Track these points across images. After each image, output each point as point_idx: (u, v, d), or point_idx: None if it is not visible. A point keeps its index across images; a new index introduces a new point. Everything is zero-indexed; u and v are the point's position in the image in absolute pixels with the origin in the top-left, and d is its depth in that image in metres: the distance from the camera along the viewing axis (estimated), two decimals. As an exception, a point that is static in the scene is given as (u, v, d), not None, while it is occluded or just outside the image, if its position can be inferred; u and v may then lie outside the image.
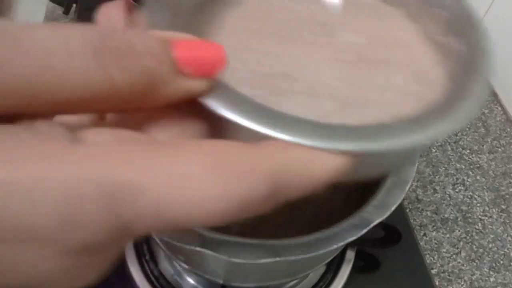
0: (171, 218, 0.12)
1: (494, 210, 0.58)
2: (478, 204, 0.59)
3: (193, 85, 0.14)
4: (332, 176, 0.14)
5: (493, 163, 0.63)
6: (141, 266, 0.46)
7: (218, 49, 0.15)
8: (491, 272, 0.53)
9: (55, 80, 0.12)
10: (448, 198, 0.59)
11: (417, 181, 0.60)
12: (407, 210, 0.57)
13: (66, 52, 0.12)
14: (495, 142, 0.65)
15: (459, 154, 0.64)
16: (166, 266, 0.46)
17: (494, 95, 0.69)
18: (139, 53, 0.13)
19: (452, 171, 0.62)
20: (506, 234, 0.56)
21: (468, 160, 0.63)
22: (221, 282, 0.39)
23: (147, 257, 0.47)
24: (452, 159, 0.63)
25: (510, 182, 0.61)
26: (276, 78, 0.21)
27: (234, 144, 0.13)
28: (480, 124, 0.67)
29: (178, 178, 0.12)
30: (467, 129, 0.67)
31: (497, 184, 0.61)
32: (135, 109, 0.14)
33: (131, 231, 0.12)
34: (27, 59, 0.12)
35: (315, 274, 0.47)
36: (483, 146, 0.65)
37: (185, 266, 0.39)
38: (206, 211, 0.12)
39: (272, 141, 0.14)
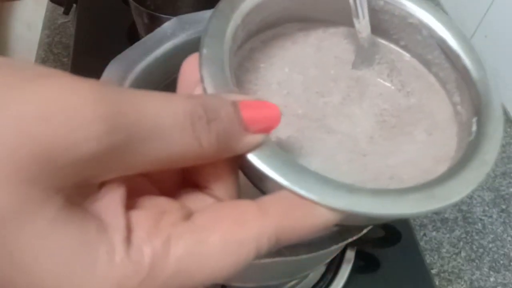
0: (195, 283, 0.15)
1: (494, 210, 0.58)
2: (478, 204, 0.59)
3: (254, 139, 0.17)
4: (323, 227, 0.17)
5: (493, 163, 0.63)
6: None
7: (275, 109, 0.18)
8: (491, 272, 0.53)
9: (158, 149, 0.15)
10: (448, 198, 0.59)
11: (417, 181, 0.60)
12: (407, 210, 0.57)
13: (171, 127, 0.15)
14: (495, 142, 0.66)
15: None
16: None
17: (494, 95, 0.69)
18: (221, 119, 0.16)
19: (452, 171, 0.62)
20: (506, 234, 0.56)
21: (468, 160, 0.63)
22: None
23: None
24: (452, 159, 0.63)
25: (510, 182, 0.61)
26: (312, 125, 0.24)
27: (243, 217, 0.16)
28: (480, 124, 0.67)
29: (201, 257, 0.15)
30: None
31: (497, 184, 0.61)
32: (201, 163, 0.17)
33: None
34: (144, 139, 0.14)
35: (315, 274, 0.47)
36: (483, 146, 0.65)
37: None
38: (220, 275, 0.16)
39: (276, 200, 0.17)
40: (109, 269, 0.14)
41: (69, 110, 0.13)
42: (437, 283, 0.51)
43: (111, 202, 0.15)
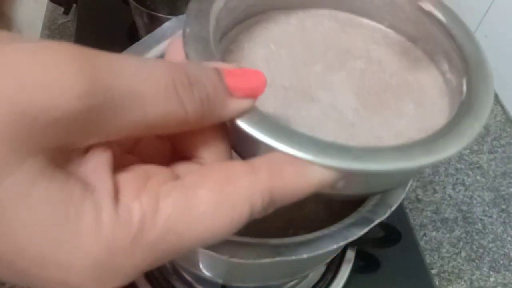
0: (188, 245, 0.15)
1: (494, 210, 0.58)
2: (478, 204, 0.59)
3: (240, 105, 0.17)
4: (318, 187, 0.17)
5: (493, 163, 0.63)
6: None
7: (260, 75, 0.18)
8: (491, 272, 0.53)
9: (141, 114, 0.15)
10: (448, 198, 0.59)
11: (417, 181, 0.60)
12: (407, 210, 0.57)
13: (153, 91, 0.15)
14: (495, 142, 0.65)
15: (459, 154, 0.64)
16: (165, 266, 0.46)
17: (494, 95, 0.68)
18: (204, 84, 0.16)
19: (452, 171, 0.62)
20: (506, 234, 0.56)
21: (468, 160, 0.63)
22: (221, 282, 0.39)
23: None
24: (452, 159, 0.63)
25: (510, 182, 0.61)
26: (298, 95, 0.23)
27: (233, 174, 0.16)
28: (480, 124, 0.67)
29: (191, 216, 0.15)
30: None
31: (497, 184, 0.61)
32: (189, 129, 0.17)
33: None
34: (123, 102, 0.14)
35: (315, 274, 0.47)
36: (483, 146, 0.65)
37: (185, 266, 0.39)
38: (214, 235, 0.15)
39: (268, 160, 0.17)
40: (96, 228, 0.13)
41: (48, 74, 0.13)
42: (437, 283, 0.51)
43: (97, 164, 0.15)
